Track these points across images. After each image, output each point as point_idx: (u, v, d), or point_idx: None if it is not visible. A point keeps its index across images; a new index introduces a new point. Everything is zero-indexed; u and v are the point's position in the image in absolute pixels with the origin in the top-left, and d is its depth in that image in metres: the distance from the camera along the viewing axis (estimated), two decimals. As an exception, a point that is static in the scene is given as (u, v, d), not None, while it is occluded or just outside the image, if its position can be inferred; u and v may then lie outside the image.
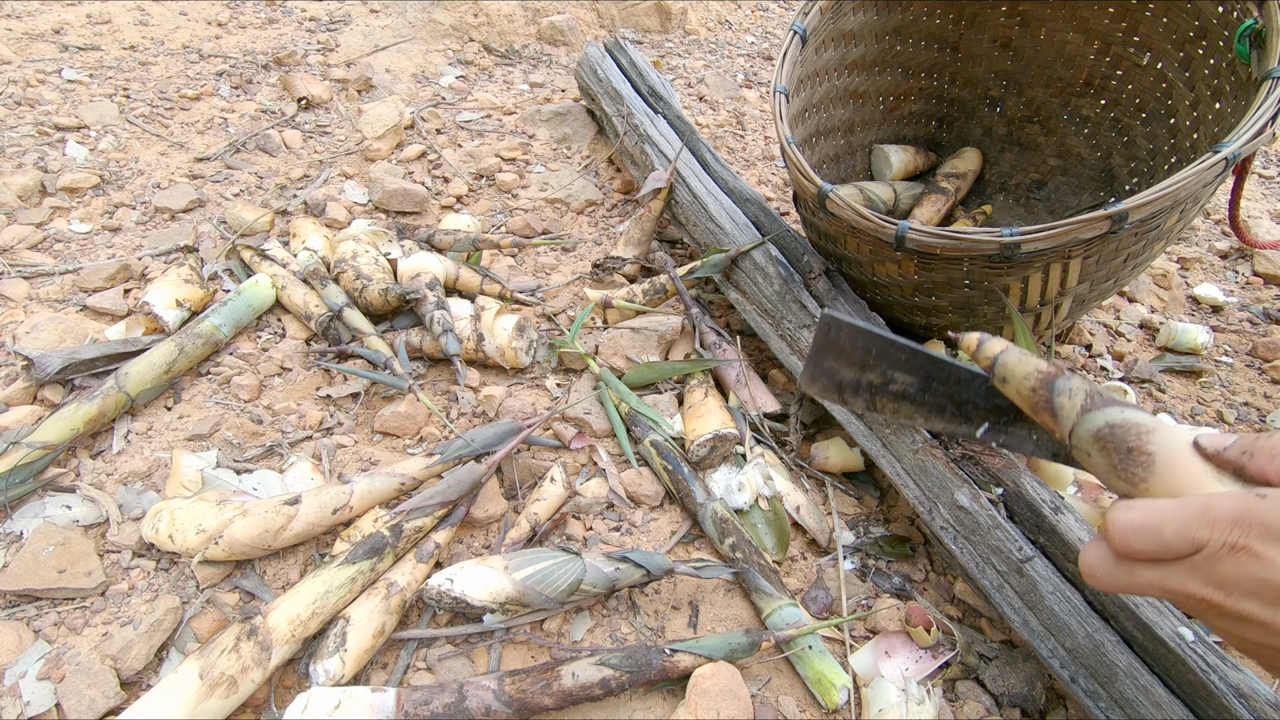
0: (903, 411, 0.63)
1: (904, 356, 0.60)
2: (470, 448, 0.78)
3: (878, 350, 0.60)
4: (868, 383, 0.62)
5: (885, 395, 0.62)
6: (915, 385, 0.61)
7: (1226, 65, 0.86)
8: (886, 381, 0.62)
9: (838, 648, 0.71)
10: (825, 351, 0.61)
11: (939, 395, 0.61)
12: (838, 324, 0.60)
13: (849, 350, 0.61)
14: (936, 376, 0.61)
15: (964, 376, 0.60)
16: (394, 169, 1.34)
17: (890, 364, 0.61)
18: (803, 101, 1.08)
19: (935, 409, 0.62)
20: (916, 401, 0.62)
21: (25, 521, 0.73)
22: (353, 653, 0.62)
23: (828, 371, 0.62)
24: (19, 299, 1.00)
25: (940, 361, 0.60)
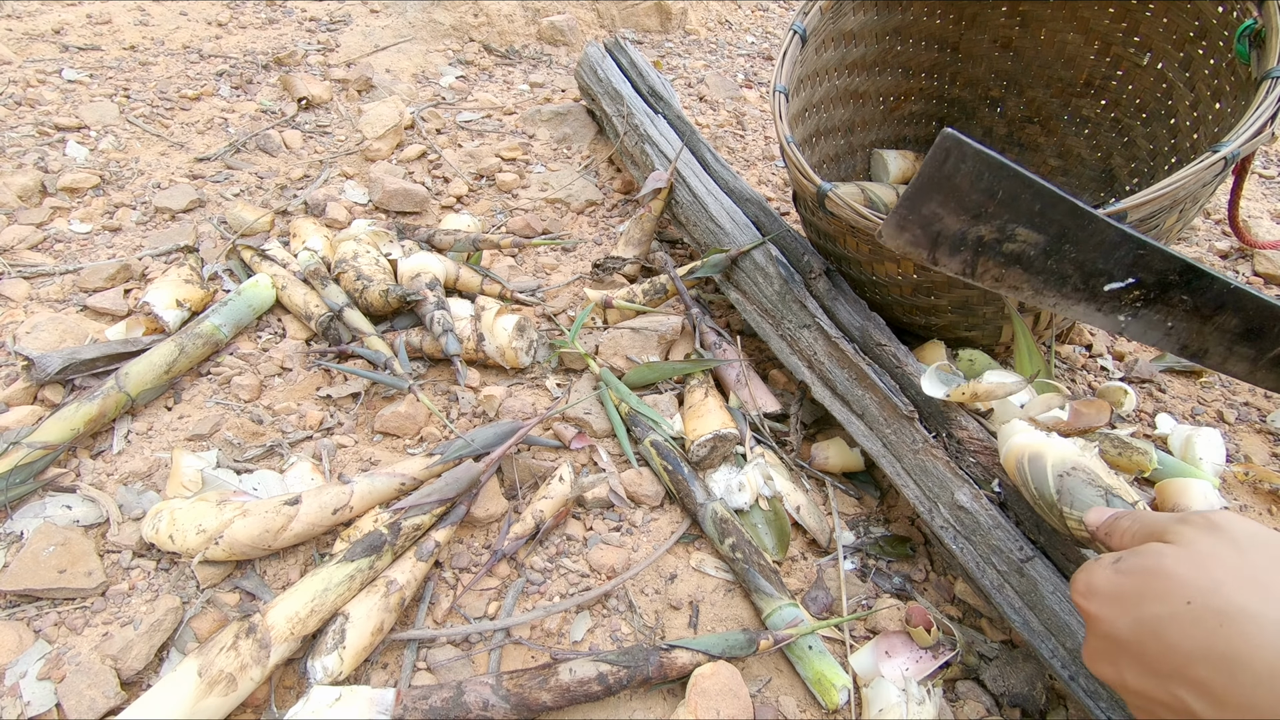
0: (1009, 279, 0.52)
1: (1039, 205, 0.48)
2: (470, 448, 0.78)
3: (1007, 193, 0.48)
4: (976, 237, 0.50)
5: (994, 256, 0.51)
6: (1041, 245, 0.50)
7: (1226, 65, 0.86)
8: (1004, 237, 0.49)
9: (838, 648, 0.71)
10: (933, 188, 0.48)
11: (1066, 261, 0.50)
12: (961, 149, 0.47)
13: (967, 189, 0.48)
14: (1072, 236, 0.49)
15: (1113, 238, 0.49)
16: (394, 169, 1.34)
17: (1016, 214, 0.49)
18: (803, 101, 1.08)
19: (1055, 278, 0.51)
20: (1034, 267, 0.51)
21: (25, 521, 0.73)
22: (351, 650, 0.62)
23: (927, 218, 0.50)
24: (19, 299, 1.00)
25: (1085, 215, 0.49)
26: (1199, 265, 0.49)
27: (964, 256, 0.51)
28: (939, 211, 0.49)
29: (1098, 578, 0.44)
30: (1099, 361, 1.11)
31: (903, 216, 0.50)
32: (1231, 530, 0.41)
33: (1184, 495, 0.81)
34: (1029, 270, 0.51)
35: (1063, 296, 0.52)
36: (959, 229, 0.50)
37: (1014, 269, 0.51)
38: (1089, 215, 0.48)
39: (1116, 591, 0.43)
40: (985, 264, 0.51)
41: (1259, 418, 1.05)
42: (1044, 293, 0.52)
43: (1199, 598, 0.38)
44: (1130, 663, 0.41)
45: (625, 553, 0.76)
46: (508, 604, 0.71)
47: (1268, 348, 0.52)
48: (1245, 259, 1.41)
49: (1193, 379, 1.12)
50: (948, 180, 0.48)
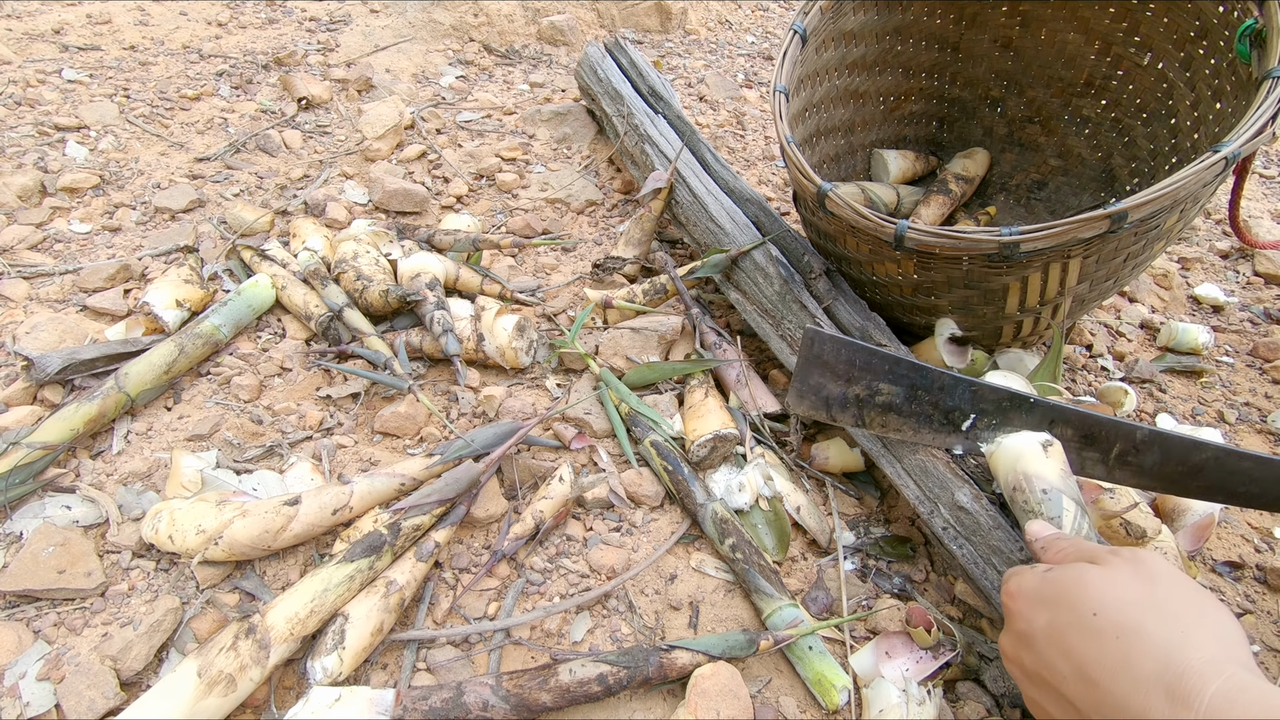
0: (890, 424, 0.65)
1: (887, 366, 0.62)
2: (470, 448, 0.78)
3: (861, 361, 0.62)
4: (854, 396, 0.64)
5: (872, 408, 0.64)
6: (901, 395, 0.63)
7: (1227, 65, 0.86)
8: (872, 394, 0.63)
9: (838, 648, 0.71)
10: (810, 367, 0.63)
11: (924, 404, 0.63)
12: (820, 337, 0.61)
13: (833, 363, 0.62)
14: (921, 385, 0.62)
15: (948, 382, 0.62)
16: (394, 169, 1.34)
17: (874, 375, 0.62)
18: (803, 101, 1.08)
19: (922, 418, 0.64)
20: (903, 412, 0.64)
21: (25, 522, 0.73)
22: (351, 650, 0.62)
23: (814, 388, 0.64)
24: (19, 299, 1.00)
25: (924, 369, 0.61)
26: (1019, 392, 0.61)
27: (852, 411, 0.65)
28: (821, 381, 0.63)
29: (1026, 582, 0.52)
30: (1099, 361, 1.11)
31: (798, 389, 0.64)
32: (1151, 566, 0.47)
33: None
34: (901, 415, 0.64)
35: (934, 432, 0.65)
36: (840, 391, 0.64)
37: (890, 415, 0.64)
38: (925, 368, 0.61)
39: (1039, 596, 0.49)
40: (869, 414, 0.65)
41: (1259, 418, 1.05)
42: (920, 432, 0.65)
43: (1105, 612, 0.44)
44: (1031, 652, 0.48)
45: (625, 553, 0.76)
46: (508, 604, 0.71)
47: (1108, 449, 0.63)
48: (1245, 259, 1.41)
49: (1193, 379, 1.12)
50: (819, 359, 0.63)
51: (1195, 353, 1.15)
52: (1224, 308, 1.27)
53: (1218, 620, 0.44)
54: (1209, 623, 0.43)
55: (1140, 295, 1.29)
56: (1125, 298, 1.28)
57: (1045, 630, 0.47)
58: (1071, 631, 0.46)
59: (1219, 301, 1.27)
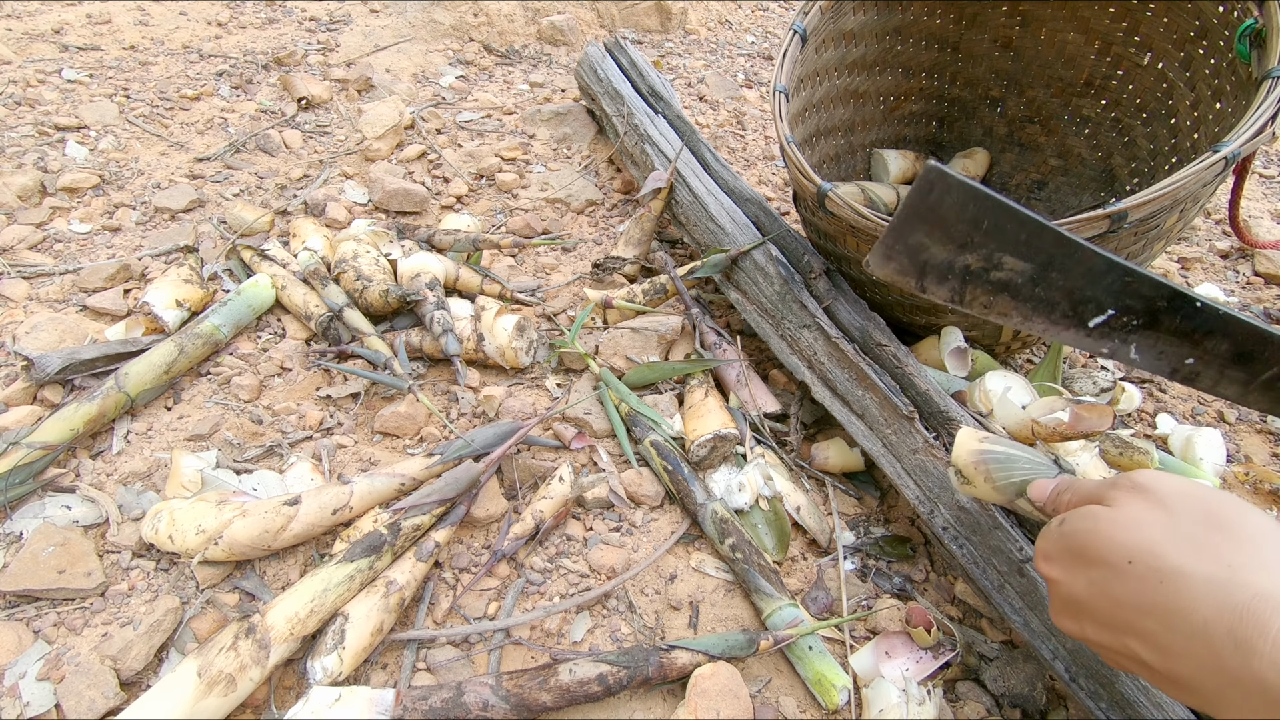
0: (997, 306, 0.52)
1: (1024, 234, 0.48)
2: (470, 448, 0.78)
3: (991, 222, 0.48)
4: (963, 266, 0.50)
5: (981, 284, 0.51)
6: (1028, 273, 0.50)
7: (1227, 65, 0.86)
8: (990, 266, 0.50)
9: (838, 648, 0.71)
10: (918, 219, 0.49)
11: (1054, 289, 0.50)
12: (945, 181, 0.47)
13: (952, 220, 0.48)
14: (1059, 264, 0.49)
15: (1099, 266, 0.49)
16: (394, 169, 1.34)
17: (1002, 243, 0.49)
18: (803, 101, 1.08)
19: (1043, 305, 0.51)
20: (1021, 295, 0.51)
21: (25, 522, 0.73)
22: (351, 650, 0.62)
23: (913, 248, 0.50)
24: (19, 299, 1.00)
25: (1071, 244, 0.49)
26: (1187, 292, 0.50)
27: (951, 285, 0.52)
28: (925, 241, 0.50)
29: (1049, 543, 0.47)
30: (1099, 361, 1.11)
31: (889, 246, 0.51)
32: (1159, 490, 0.43)
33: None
34: (1016, 298, 0.52)
35: (1051, 323, 0.53)
36: (945, 258, 0.50)
37: (1002, 297, 0.52)
38: (1075, 244, 0.49)
39: (1065, 553, 0.45)
40: (973, 292, 0.52)
41: (1259, 418, 1.05)
42: (1033, 320, 0.53)
43: (1139, 558, 0.41)
44: (1088, 619, 0.44)
45: (625, 553, 0.76)
46: (508, 604, 0.71)
47: (1259, 371, 0.52)
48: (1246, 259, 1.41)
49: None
50: (933, 211, 0.49)
51: (1195, 353, 1.15)
52: (1224, 308, 1.27)
53: (1256, 532, 0.39)
54: (1248, 540, 0.39)
55: (1140, 295, 1.29)
56: (1125, 298, 1.28)
57: (1088, 590, 0.43)
58: (1113, 586, 0.42)
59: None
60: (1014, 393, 0.79)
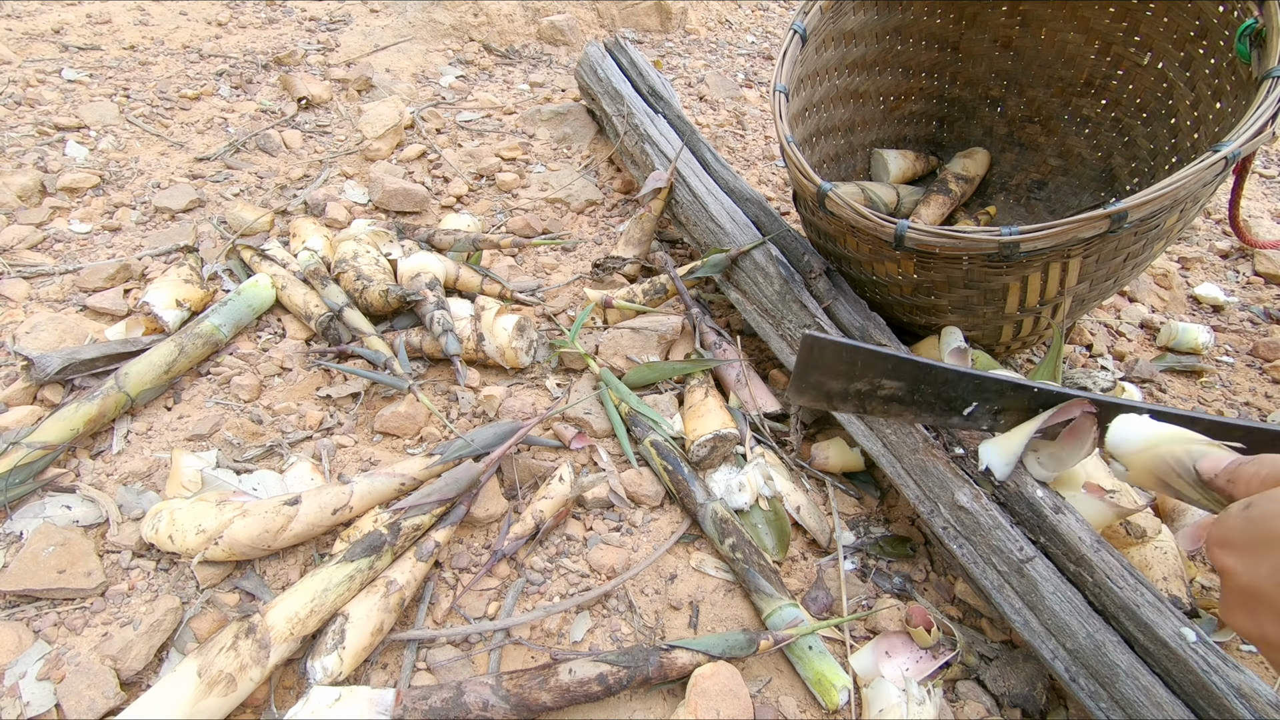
0: (892, 411, 0.68)
1: (890, 365, 0.64)
2: (470, 448, 0.78)
3: (863, 362, 0.64)
4: (855, 391, 0.66)
5: (874, 400, 0.67)
6: (903, 389, 0.66)
7: (1227, 65, 0.86)
8: (875, 388, 0.66)
9: (838, 648, 0.71)
10: (812, 369, 0.65)
11: (926, 395, 0.66)
12: (820, 343, 0.63)
13: (834, 365, 0.64)
14: (923, 378, 0.65)
15: (951, 377, 0.65)
16: (394, 169, 1.34)
17: (877, 373, 0.64)
18: (803, 101, 1.08)
19: (925, 407, 0.67)
20: (905, 402, 0.67)
21: (25, 522, 0.73)
22: (351, 650, 0.62)
23: (814, 385, 0.66)
24: (19, 299, 1.00)
25: (927, 367, 0.64)
26: (1022, 381, 0.64)
27: (854, 402, 0.67)
28: (822, 379, 0.65)
29: (1230, 528, 0.42)
30: (1099, 361, 1.11)
31: (798, 386, 0.65)
32: None
33: None
34: (904, 404, 0.66)
35: (936, 417, 0.67)
36: (841, 387, 0.66)
37: (893, 405, 0.67)
38: (929, 365, 0.64)
39: (1250, 540, 0.40)
40: (871, 404, 0.67)
41: (1259, 417, 1.05)
42: (921, 416, 0.67)
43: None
44: (1270, 614, 0.39)
45: (625, 553, 0.76)
46: (508, 604, 0.71)
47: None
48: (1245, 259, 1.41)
49: (1193, 379, 1.12)
50: (819, 362, 0.63)
51: (1195, 352, 1.15)
52: (1224, 307, 1.27)
53: None
54: None
55: (1140, 295, 1.29)
56: (1125, 297, 1.28)
57: (1272, 579, 0.39)
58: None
59: (1219, 301, 1.27)
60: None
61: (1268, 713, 0.54)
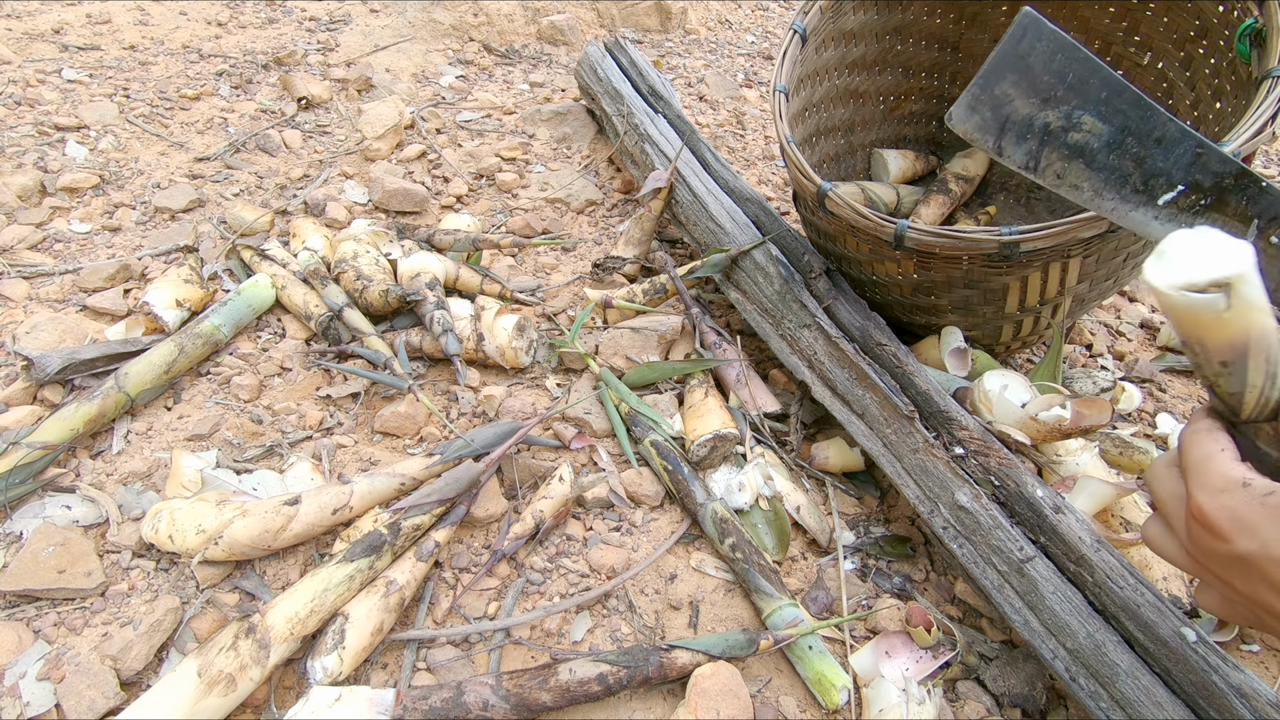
0: (1070, 175, 0.52)
1: (1105, 93, 0.49)
2: (470, 448, 0.78)
3: (1076, 76, 0.50)
4: (1043, 124, 0.51)
5: (1058, 146, 0.52)
6: (1104, 136, 0.51)
7: (1227, 64, 0.86)
8: (1069, 125, 0.51)
9: (838, 648, 0.71)
10: (1007, 67, 0.50)
11: (1127, 156, 0.51)
12: (1038, 27, 0.49)
13: (1039, 70, 0.50)
14: (1135, 128, 0.50)
15: (1173, 134, 0.50)
16: (394, 169, 1.34)
17: (1084, 100, 0.50)
18: (803, 101, 1.08)
19: (1115, 176, 0.52)
20: (1095, 162, 0.52)
21: (25, 522, 0.73)
22: (351, 650, 0.62)
23: (998, 100, 0.51)
24: (19, 299, 1.00)
25: (1148, 107, 0.49)
26: (1254, 172, 0.49)
27: (1029, 146, 0.52)
28: (1010, 92, 0.50)
29: (1240, 505, 0.41)
30: (1099, 361, 1.11)
31: (975, 97, 0.51)
32: None
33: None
34: (1091, 166, 0.51)
35: (1122, 200, 0.52)
36: (1027, 113, 0.51)
37: (1076, 163, 0.52)
38: (1152, 108, 0.49)
39: (1255, 522, 0.39)
40: (1049, 156, 0.52)
41: (1259, 417, 1.04)
42: (1103, 194, 0.52)
43: None
44: (1243, 574, 0.40)
45: (625, 553, 0.76)
46: (508, 604, 0.71)
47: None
48: (1246, 258, 1.41)
49: (1193, 378, 1.12)
50: (1022, 59, 0.50)
51: (1195, 352, 1.15)
52: (1224, 307, 1.27)
53: None
54: None
55: (1140, 295, 1.29)
56: (1125, 297, 1.28)
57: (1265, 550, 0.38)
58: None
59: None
60: (1013, 391, 0.79)
61: (1268, 712, 0.54)
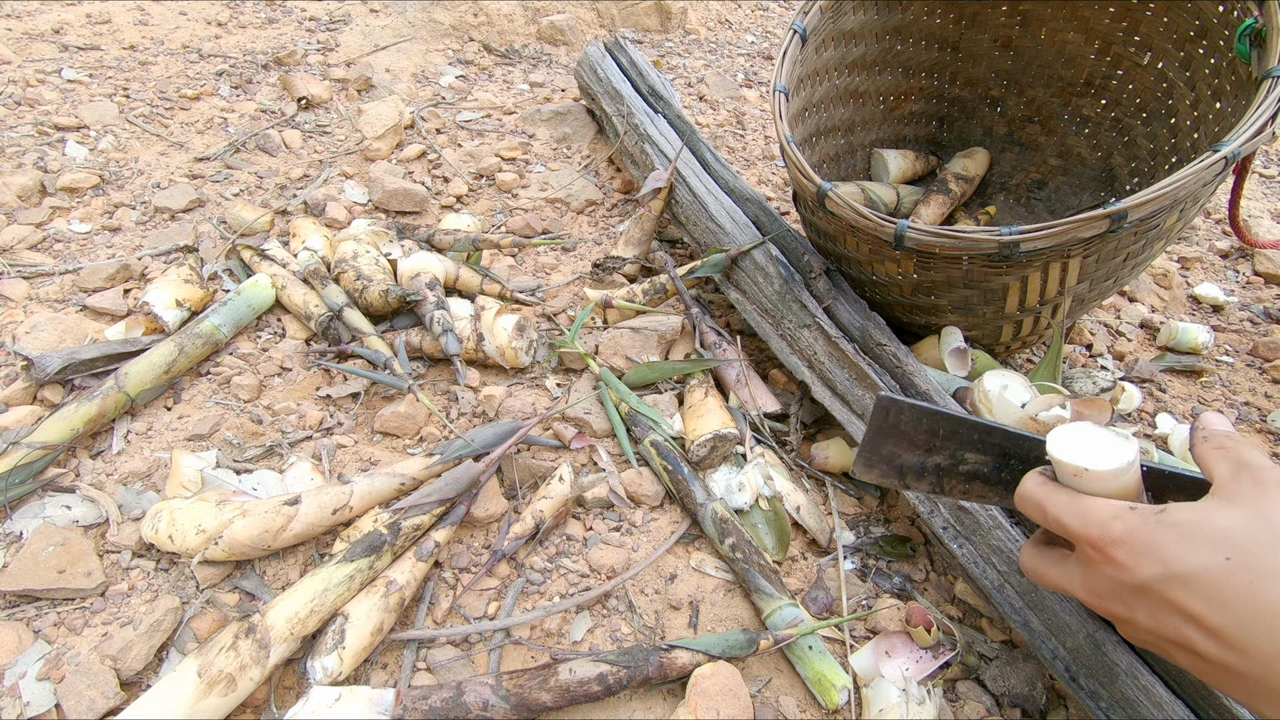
0: (974, 491, 0.59)
1: (976, 435, 0.55)
2: (470, 448, 0.78)
3: (946, 431, 0.56)
4: (934, 465, 0.58)
5: (954, 475, 0.58)
6: (990, 463, 0.57)
7: (1227, 64, 0.86)
8: (956, 463, 0.57)
9: (838, 648, 0.71)
10: (884, 436, 0.57)
11: (1016, 472, 0.56)
12: (898, 407, 0.55)
13: (911, 433, 0.56)
14: (1013, 452, 0.56)
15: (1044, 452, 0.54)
16: (394, 169, 1.34)
17: (960, 444, 0.56)
18: (803, 101, 1.08)
19: (1012, 485, 0.57)
20: (991, 480, 0.58)
21: (25, 522, 0.73)
22: (351, 650, 0.62)
23: (886, 457, 0.57)
24: (19, 299, 1.00)
25: (1019, 437, 0.55)
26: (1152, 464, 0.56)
27: (930, 480, 0.58)
28: (895, 451, 0.57)
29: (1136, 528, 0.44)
30: (1099, 361, 1.11)
31: (867, 458, 0.58)
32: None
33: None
34: (988, 483, 0.58)
35: None
36: (917, 461, 0.57)
37: (975, 483, 0.58)
38: (1022, 436, 0.55)
39: (1153, 543, 0.43)
40: (950, 483, 0.58)
41: (1259, 417, 1.05)
42: (1007, 497, 0.58)
43: (1238, 555, 0.40)
44: (1146, 605, 0.43)
45: (625, 553, 0.76)
46: (508, 604, 0.71)
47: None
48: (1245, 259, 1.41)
49: (1193, 379, 1.12)
50: (894, 429, 0.56)
51: (1195, 352, 1.15)
52: (1224, 307, 1.27)
53: None
54: None
55: (1140, 295, 1.29)
56: (1125, 297, 1.28)
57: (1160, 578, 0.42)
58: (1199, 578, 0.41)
59: (1219, 301, 1.27)
60: (1012, 391, 0.79)
61: (1268, 712, 0.54)
